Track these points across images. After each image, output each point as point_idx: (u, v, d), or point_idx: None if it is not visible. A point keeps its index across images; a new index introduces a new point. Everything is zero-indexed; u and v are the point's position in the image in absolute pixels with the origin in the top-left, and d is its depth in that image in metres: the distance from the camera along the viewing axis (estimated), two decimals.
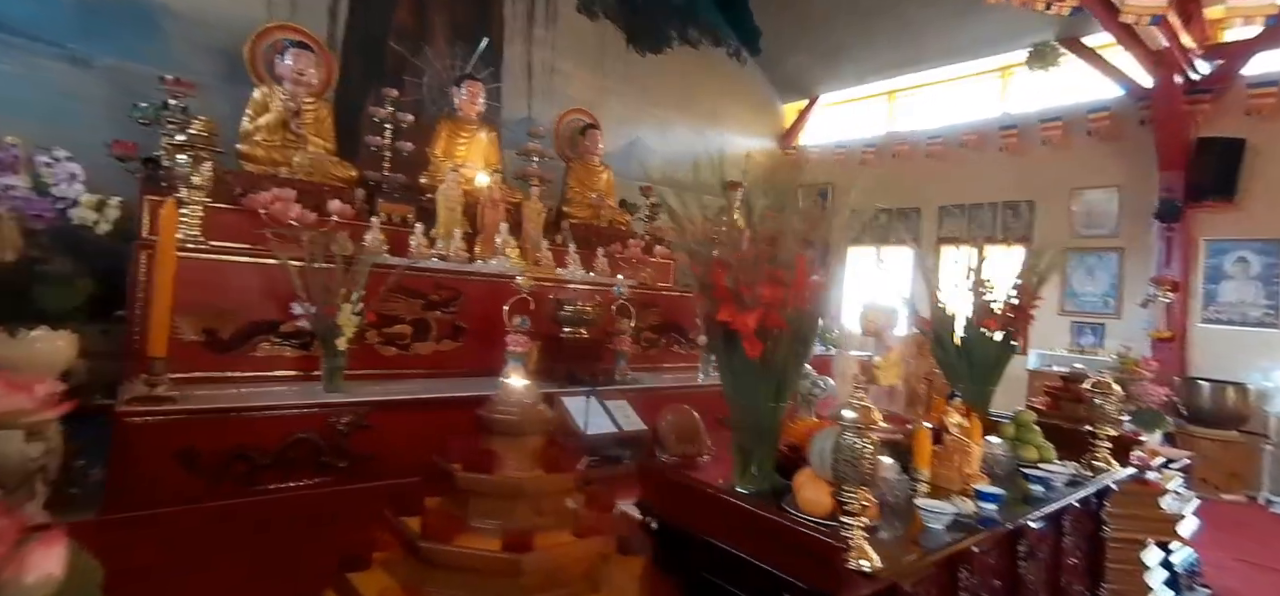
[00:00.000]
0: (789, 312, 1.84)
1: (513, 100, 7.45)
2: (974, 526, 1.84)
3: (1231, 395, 5.71)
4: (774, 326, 1.77)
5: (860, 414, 1.44)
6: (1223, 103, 6.36)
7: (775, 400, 1.88)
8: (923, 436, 2.12)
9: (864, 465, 1.42)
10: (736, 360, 1.84)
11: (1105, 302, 7.03)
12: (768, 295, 1.73)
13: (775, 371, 1.85)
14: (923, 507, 1.77)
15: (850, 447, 1.42)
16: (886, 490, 1.97)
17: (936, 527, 1.76)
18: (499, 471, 1.60)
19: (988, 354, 2.82)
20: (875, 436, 1.44)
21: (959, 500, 1.87)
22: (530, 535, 1.48)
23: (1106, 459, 2.71)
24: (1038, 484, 2.27)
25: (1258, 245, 6.12)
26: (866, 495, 1.45)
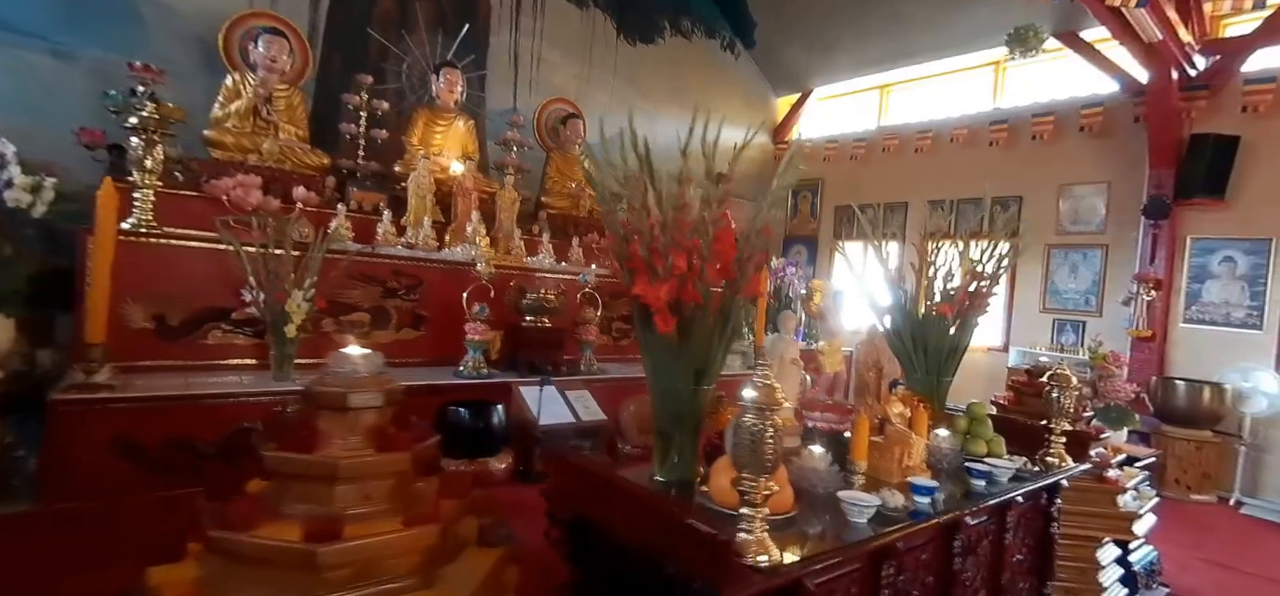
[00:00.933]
0: (709, 287, 1.79)
1: (499, 90, 7.39)
2: (901, 520, 1.79)
3: (1207, 395, 5.64)
4: (689, 301, 1.72)
5: (762, 394, 1.38)
6: (1219, 99, 6.26)
7: (696, 382, 1.82)
8: (861, 426, 2.07)
9: (765, 450, 1.36)
10: (652, 338, 1.79)
11: (1087, 300, 6.96)
12: (680, 266, 1.68)
13: (695, 351, 1.79)
14: (844, 500, 1.72)
15: (750, 431, 1.36)
16: (815, 481, 1.92)
17: (859, 521, 1.70)
18: (323, 450, 1.47)
19: (941, 342, 2.76)
20: (778, 419, 1.38)
21: (887, 493, 1.82)
22: (339, 523, 1.35)
23: (1060, 454, 2.65)
24: (980, 478, 2.21)
25: (1245, 244, 6.03)
26: (769, 484, 1.40)
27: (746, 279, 1.91)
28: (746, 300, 2.07)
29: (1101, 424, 3.81)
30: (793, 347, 2.27)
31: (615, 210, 1.79)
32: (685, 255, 1.70)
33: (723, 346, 1.90)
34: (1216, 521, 5.16)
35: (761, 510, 1.39)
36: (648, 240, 1.72)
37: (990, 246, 2.85)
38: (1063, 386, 2.68)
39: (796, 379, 2.29)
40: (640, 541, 1.53)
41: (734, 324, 1.91)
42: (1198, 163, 6.12)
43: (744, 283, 1.89)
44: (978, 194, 7.80)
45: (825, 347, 2.44)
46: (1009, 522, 2.35)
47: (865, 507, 1.70)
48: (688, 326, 1.78)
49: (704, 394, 1.85)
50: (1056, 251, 7.23)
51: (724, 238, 1.79)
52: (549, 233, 5.81)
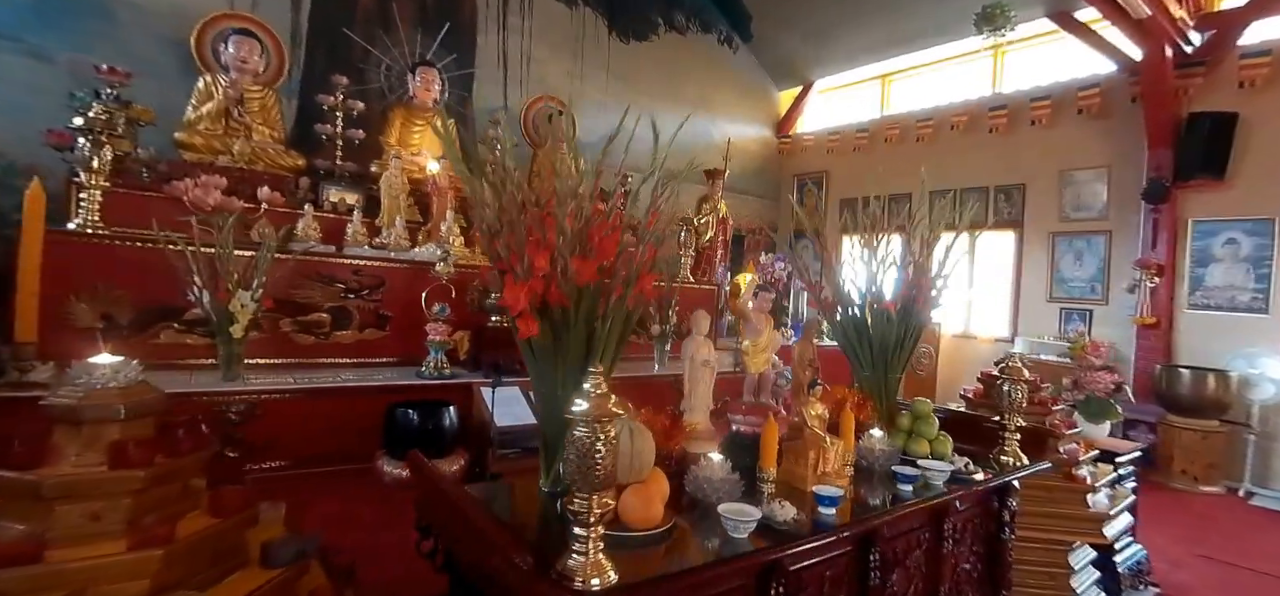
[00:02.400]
0: (592, 287, 1.70)
1: (488, 90, 7.35)
2: (796, 533, 1.68)
3: (1212, 383, 5.40)
4: (555, 303, 1.63)
5: (593, 405, 1.28)
6: (1215, 75, 5.99)
7: (570, 389, 1.73)
8: (768, 430, 1.97)
9: (598, 466, 1.26)
10: (532, 340, 1.71)
11: (1093, 288, 6.71)
12: (540, 264, 1.59)
13: (574, 356, 1.71)
14: (723, 513, 1.61)
15: (580, 445, 1.27)
16: (711, 491, 1.82)
17: (739, 536, 1.60)
18: (53, 465, 1.41)
19: (887, 337, 2.63)
20: (613, 430, 1.29)
21: (777, 505, 1.71)
22: (37, 545, 1.28)
23: (1014, 453, 2.51)
24: (907, 483, 2.09)
25: (1248, 225, 5.76)
26: (604, 500, 1.30)
27: (635, 278, 1.81)
28: (652, 300, 1.98)
29: (1084, 417, 3.66)
30: (705, 348, 2.17)
31: (481, 203, 1.70)
32: (547, 253, 1.61)
33: (612, 350, 1.81)
34: (1223, 513, 4.94)
35: (595, 529, 1.30)
36: (505, 239, 1.63)
37: (930, 238, 2.70)
38: (1014, 379, 2.54)
39: (709, 381, 2.18)
40: (476, 560, 1.45)
41: (619, 326, 1.81)
42: (1196, 142, 5.86)
43: (633, 281, 1.80)
44: (981, 183, 7.62)
45: (749, 346, 2.33)
46: (948, 530, 2.22)
47: (744, 521, 1.60)
48: (564, 328, 1.69)
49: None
50: (1061, 239, 6.99)
51: (598, 234, 1.69)
52: None
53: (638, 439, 1.61)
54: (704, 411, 2.18)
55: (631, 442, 1.59)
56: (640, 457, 1.60)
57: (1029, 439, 2.68)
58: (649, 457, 1.63)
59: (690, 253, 5.85)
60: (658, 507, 1.58)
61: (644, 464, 1.62)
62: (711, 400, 2.21)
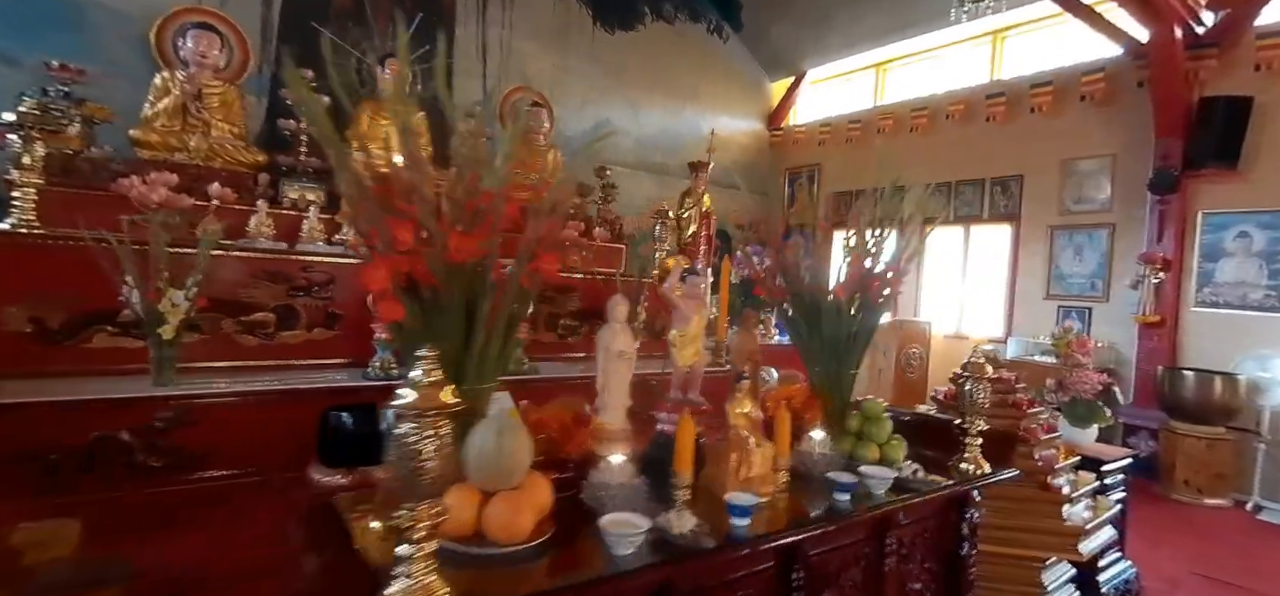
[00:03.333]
0: (474, 267, 1.52)
1: (468, 83, 7.19)
2: (693, 548, 1.47)
3: (1219, 387, 5.09)
4: (425, 282, 1.45)
5: (422, 395, 1.10)
6: (1230, 58, 5.68)
7: (456, 382, 1.54)
8: (683, 429, 1.76)
9: (423, 470, 1.08)
10: (404, 327, 1.53)
11: (1093, 285, 6.42)
12: (403, 239, 1.40)
13: (449, 346, 1.51)
14: (604, 527, 1.42)
15: (404, 444, 1.08)
16: (607, 498, 1.62)
17: (622, 552, 1.40)
18: None
19: (838, 330, 2.41)
20: (445, 427, 1.10)
21: (672, 516, 1.51)
22: None
23: (976, 459, 2.28)
24: (843, 492, 1.88)
25: (1263, 217, 5.45)
26: (434, 511, 1.12)
27: (527, 258, 1.62)
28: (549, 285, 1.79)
29: (1068, 420, 3.41)
30: (621, 338, 1.97)
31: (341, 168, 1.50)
32: (410, 227, 1.42)
33: (498, 341, 1.62)
34: (1228, 528, 4.64)
35: (425, 546, 1.11)
36: (357, 212, 1.44)
37: (882, 231, 2.48)
38: (976, 378, 2.32)
39: (625, 375, 1.99)
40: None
41: (509, 311, 1.63)
42: (1207, 129, 5.56)
43: (525, 260, 1.61)
44: (977, 175, 7.34)
45: (676, 337, 2.13)
46: (890, 544, 2.00)
47: (629, 535, 1.40)
48: (431, 315, 1.51)
49: (467, 396, 1.56)
50: (1060, 233, 6.70)
51: (475, 206, 1.50)
52: None
53: (507, 438, 1.41)
54: (619, 410, 1.98)
55: (499, 442, 1.40)
56: (509, 460, 1.41)
57: (997, 444, 2.46)
58: (522, 460, 1.44)
59: (666, 247, 5.65)
60: (526, 519, 1.38)
61: (514, 467, 1.42)
62: (628, 397, 2.01)
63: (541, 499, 1.48)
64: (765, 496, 1.81)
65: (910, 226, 2.55)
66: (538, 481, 1.50)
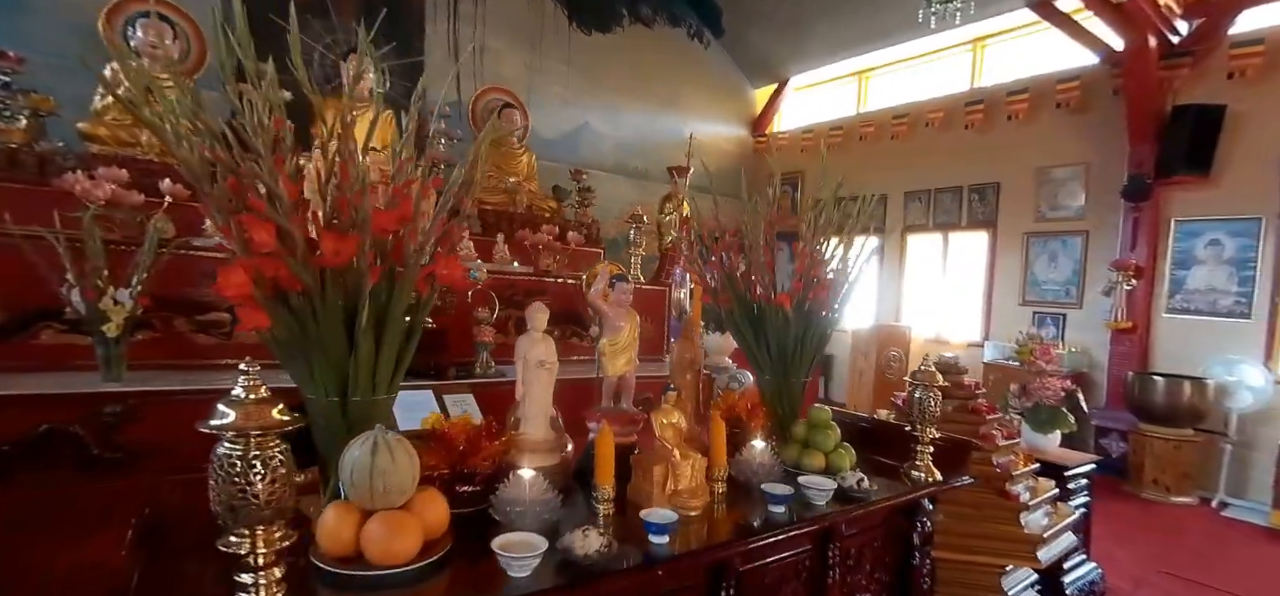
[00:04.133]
0: (352, 271, 1.41)
1: (438, 82, 7.06)
2: (602, 568, 1.37)
3: (1187, 390, 5.08)
4: (289, 287, 1.33)
5: (242, 413, 0.99)
6: (1203, 66, 5.68)
7: (337, 393, 1.44)
8: (601, 440, 1.67)
9: (252, 492, 0.97)
10: (275, 337, 1.40)
11: (1067, 291, 6.39)
12: (261, 239, 1.28)
13: (332, 356, 1.41)
14: (497, 549, 1.31)
15: (226, 466, 0.98)
16: (514, 515, 1.52)
17: (519, 576, 1.30)
18: None
19: (785, 337, 2.33)
20: (276, 447, 1.00)
21: (584, 533, 1.40)
22: None
23: (927, 468, 2.20)
24: (779, 504, 1.79)
25: (1233, 225, 5.44)
26: (274, 534, 1.01)
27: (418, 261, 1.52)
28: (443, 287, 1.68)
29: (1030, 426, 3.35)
30: (541, 346, 1.87)
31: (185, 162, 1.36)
32: (269, 228, 1.30)
33: (392, 350, 1.51)
34: (1194, 526, 4.63)
35: (268, 573, 1.00)
36: (216, 208, 1.32)
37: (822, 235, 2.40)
38: (928, 386, 2.24)
39: (547, 385, 1.88)
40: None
41: (399, 321, 1.51)
42: (1180, 137, 5.54)
43: (416, 264, 1.51)
44: (955, 182, 7.32)
45: (606, 345, 2.03)
46: (833, 556, 1.91)
47: (523, 557, 1.30)
48: (307, 323, 1.39)
49: (360, 405, 1.46)
50: (1035, 240, 6.68)
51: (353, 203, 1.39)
52: (481, 228, 5.48)
53: (383, 455, 1.30)
54: (541, 420, 1.88)
55: (373, 460, 1.29)
56: (389, 478, 1.30)
57: (951, 451, 2.38)
58: (402, 478, 1.32)
59: (640, 251, 5.55)
60: (407, 541, 1.27)
61: (397, 486, 1.31)
62: (551, 406, 1.91)
63: (433, 517, 1.37)
64: (695, 510, 1.72)
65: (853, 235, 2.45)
66: (431, 499, 1.39)
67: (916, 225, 7.74)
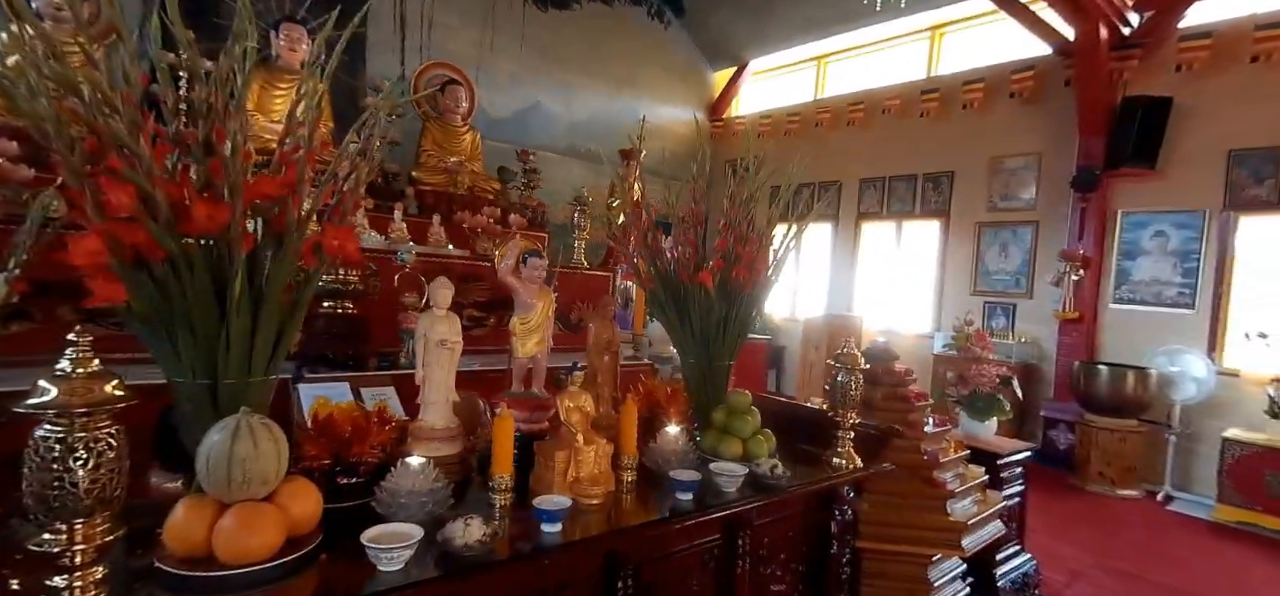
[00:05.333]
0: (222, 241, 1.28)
1: (384, 56, 6.83)
2: (482, 561, 1.27)
3: (1131, 380, 5.14)
4: (151, 256, 1.21)
5: (66, 389, 0.88)
6: (1153, 59, 5.73)
7: (206, 376, 1.31)
8: (499, 426, 1.57)
9: (71, 480, 0.86)
10: (134, 313, 1.28)
11: (1017, 281, 6.45)
12: (117, 203, 1.16)
13: (201, 330, 1.28)
14: (366, 542, 1.21)
15: (43, 450, 0.86)
16: (397, 507, 1.41)
17: (389, 569, 1.20)
18: None
19: (707, 319, 2.25)
20: (106, 430, 0.88)
21: (466, 523, 1.30)
22: None
23: (848, 454, 2.14)
24: (685, 491, 1.71)
25: (1178, 217, 5.52)
26: (96, 528, 0.90)
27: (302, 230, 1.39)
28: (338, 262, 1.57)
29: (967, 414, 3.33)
30: (442, 325, 1.76)
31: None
32: (128, 190, 1.17)
33: (270, 328, 1.38)
34: (1138, 519, 4.68)
35: (88, 574, 0.89)
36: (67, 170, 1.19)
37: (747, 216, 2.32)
38: (850, 370, 2.18)
39: (449, 367, 1.78)
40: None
41: (279, 298, 1.39)
42: (1128, 129, 5.60)
43: (298, 234, 1.38)
44: (910, 170, 7.32)
45: (517, 325, 1.93)
46: (742, 545, 1.84)
47: (393, 550, 1.19)
48: (170, 297, 1.26)
49: (232, 393, 1.33)
50: (987, 229, 6.72)
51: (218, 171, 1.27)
52: (418, 209, 5.31)
53: (244, 441, 1.17)
54: (443, 406, 1.77)
55: (231, 448, 1.17)
56: (250, 467, 1.17)
57: (873, 438, 2.33)
58: (268, 467, 1.20)
59: (584, 235, 5.43)
60: (262, 537, 1.15)
61: (259, 476, 1.18)
62: (453, 390, 1.80)
63: (302, 510, 1.25)
64: (595, 498, 1.63)
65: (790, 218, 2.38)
66: (299, 490, 1.27)
67: (871, 213, 7.74)
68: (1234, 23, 5.32)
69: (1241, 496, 4.50)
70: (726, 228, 2.25)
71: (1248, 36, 5.16)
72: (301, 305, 1.49)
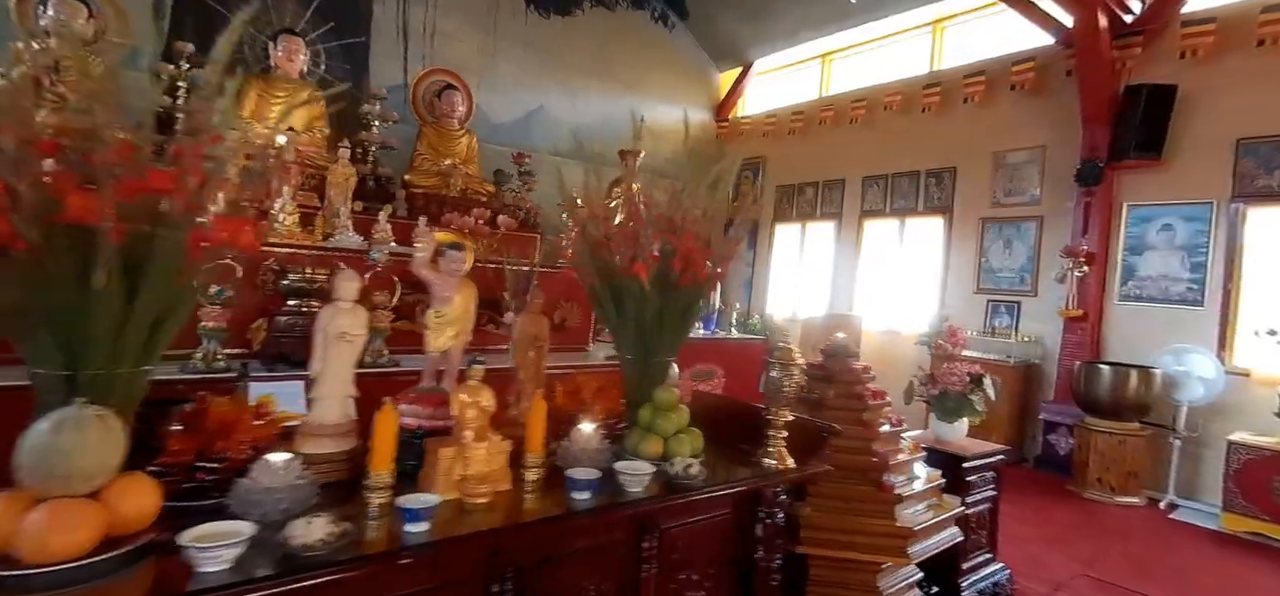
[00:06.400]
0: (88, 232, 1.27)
1: (388, 65, 6.92)
2: (323, 561, 1.24)
3: (1134, 381, 4.91)
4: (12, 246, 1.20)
5: None
6: (1156, 47, 5.53)
7: (63, 367, 1.30)
8: (381, 420, 1.54)
9: None
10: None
11: (1021, 278, 6.24)
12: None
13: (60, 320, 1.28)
14: (184, 543, 1.18)
15: None
16: (251, 505, 1.39)
17: (210, 569, 1.17)
18: None
19: (643, 312, 2.19)
20: None
21: (308, 522, 1.27)
22: None
23: (779, 454, 2.07)
24: (583, 490, 1.66)
25: (1185, 209, 5.29)
26: None
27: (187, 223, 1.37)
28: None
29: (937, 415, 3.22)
30: (344, 317, 1.74)
31: None
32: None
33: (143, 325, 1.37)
34: (1136, 528, 4.46)
35: None
36: None
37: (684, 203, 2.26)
38: (784, 365, 2.10)
39: (348, 360, 1.75)
40: None
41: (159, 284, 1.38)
42: (1132, 119, 5.39)
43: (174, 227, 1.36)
44: (913, 167, 7.16)
45: (432, 318, 1.90)
46: (650, 550, 1.78)
47: (215, 549, 1.17)
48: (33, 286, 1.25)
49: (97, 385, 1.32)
50: (991, 225, 6.53)
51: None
52: (408, 212, 5.38)
53: (69, 433, 1.15)
54: (339, 400, 1.75)
55: (55, 438, 1.15)
56: (72, 460, 1.15)
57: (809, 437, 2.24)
58: (93, 461, 1.17)
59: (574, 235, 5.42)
60: (73, 535, 1.12)
61: (81, 470, 1.16)
62: (352, 385, 1.78)
63: (134, 508, 1.23)
64: (482, 497, 1.58)
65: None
66: (132, 487, 1.25)
67: (874, 211, 7.58)
68: (1238, 6, 5.09)
69: (1249, 504, 4.27)
70: (661, 219, 2.18)
71: (1253, 20, 4.93)
72: (183, 300, 1.48)
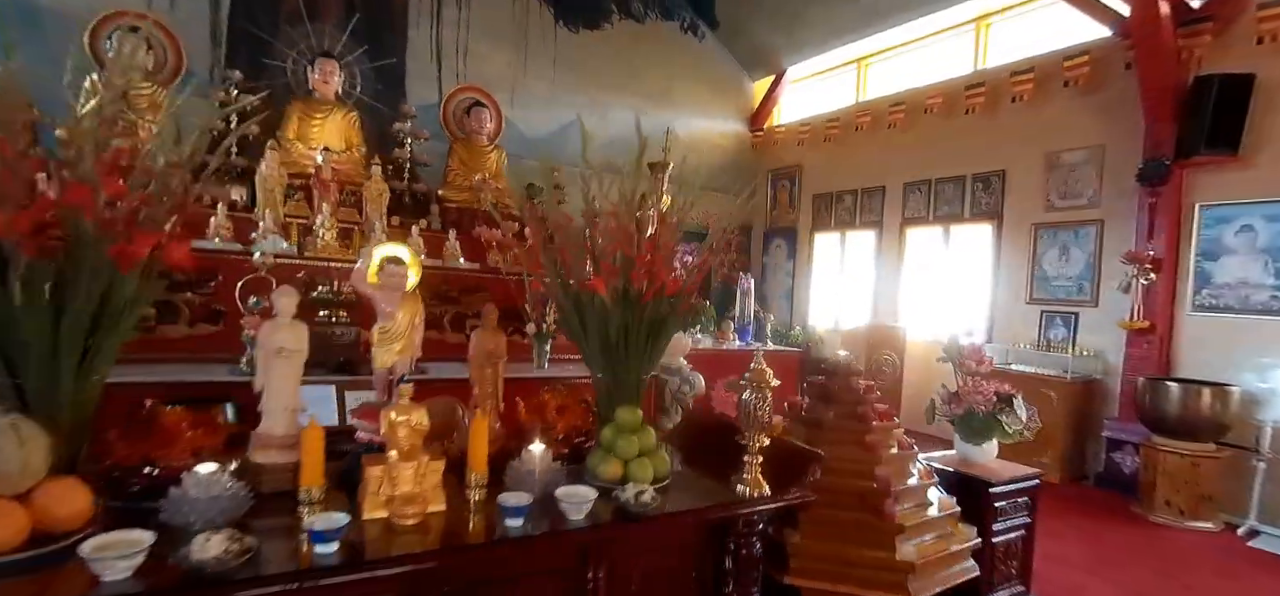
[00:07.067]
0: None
1: (420, 85, 7.10)
2: (222, 578, 1.19)
3: (1207, 399, 4.44)
4: None
5: None
6: (1228, 33, 5.04)
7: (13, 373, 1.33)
8: (308, 437, 1.50)
9: None
10: None
11: (1080, 287, 5.78)
12: None
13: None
14: (84, 553, 1.15)
15: None
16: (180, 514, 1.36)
17: (112, 578, 1.15)
18: None
19: (606, 326, 2.08)
20: None
21: (208, 538, 1.23)
22: None
23: (754, 480, 1.92)
24: (515, 516, 1.56)
25: (1269, 208, 4.77)
26: None
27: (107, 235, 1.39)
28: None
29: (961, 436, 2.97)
30: (284, 333, 1.70)
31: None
32: None
33: (75, 335, 1.39)
34: (1208, 556, 4.02)
35: None
36: None
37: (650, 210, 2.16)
38: (758, 388, 1.96)
39: (290, 375, 1.71)
40: None
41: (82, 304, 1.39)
42: (1202, 112, 4.92)
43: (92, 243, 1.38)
44: (958, 171, 6.80)
45: (377, 335, 1.85)
46: (595, 582, 1.66)
47: (115, 558, 1.15)
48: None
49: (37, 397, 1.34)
50: (1044, 231, 6.09)
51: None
52: (442, 226, 5.51)
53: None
54: (281, 413, 1.71)
55: None
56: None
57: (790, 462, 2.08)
58: (10, 466, 1.19)
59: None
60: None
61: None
62: (297, 399, 1.75)
63: (63, 510, 1.25)
64: (410, 518, 1.51)
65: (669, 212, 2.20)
66: (61, 492, 1.26)
67: (916, 218, 7.22)
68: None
69: None
70: (617, 230, 2.08)
71: None
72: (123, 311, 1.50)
